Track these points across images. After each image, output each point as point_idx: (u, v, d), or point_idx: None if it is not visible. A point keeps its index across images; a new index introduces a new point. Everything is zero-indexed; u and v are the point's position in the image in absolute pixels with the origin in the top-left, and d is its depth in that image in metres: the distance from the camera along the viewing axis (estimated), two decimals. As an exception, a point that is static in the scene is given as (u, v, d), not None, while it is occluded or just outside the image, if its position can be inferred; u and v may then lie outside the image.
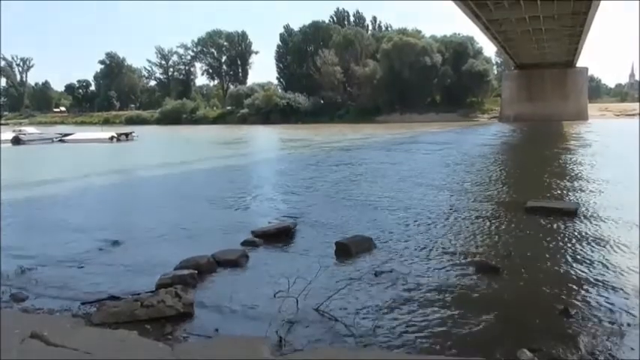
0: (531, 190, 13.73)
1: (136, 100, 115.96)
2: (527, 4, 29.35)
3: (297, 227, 9.54)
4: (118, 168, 23.32)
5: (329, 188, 15.04)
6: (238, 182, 17.50)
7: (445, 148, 29.19)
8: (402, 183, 15.63)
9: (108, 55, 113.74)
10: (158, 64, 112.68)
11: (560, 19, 33.97)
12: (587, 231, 9.10)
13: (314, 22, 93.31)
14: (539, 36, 40.16)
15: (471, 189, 14.41)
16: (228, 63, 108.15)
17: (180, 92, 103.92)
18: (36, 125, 65.45)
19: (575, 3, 28.91)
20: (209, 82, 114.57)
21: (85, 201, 14.31)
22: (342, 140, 38.15)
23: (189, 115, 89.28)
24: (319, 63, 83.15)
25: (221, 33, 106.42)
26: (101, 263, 7.76)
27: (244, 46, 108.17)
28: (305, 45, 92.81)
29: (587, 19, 33.36)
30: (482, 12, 31.18)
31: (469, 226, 9.86)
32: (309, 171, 19.74)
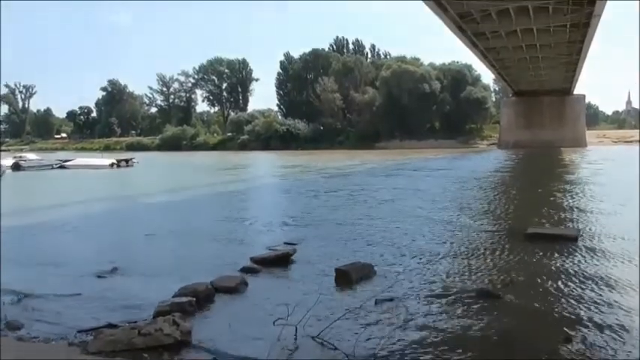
0: (531, 216, 13.69)
1: (136, 127, 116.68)
2: (523, 33, 29.77)
3: (297, 254, 9.47)
4: (117, 194, 23.31)
5: (329, 214, 15.01)
6: (237, 208, 17.48)
7: (445, 174, 29.26)
8: (401, 209, 15.60)
9: (110, 82, 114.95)
10: (159, 90, 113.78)
11: (556, 48, 34.44)
12: (588, 259, 9.04)
13: (314, 49, 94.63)
14: (536, 64, 40.65)
15: (471, 215, 14.37)
16: (229, 90, 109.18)
17: (180, 119, 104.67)
18: (36, 151, 65.67)
19: (570, 33, 29.33)
20: (210, 109, 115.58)
21: (83, 227, 14.25)
22: (341, 166, 38.25)
23: (190, 141, 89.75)
24: (319, 90, 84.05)
25: (222, 60, 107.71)
26: (99, 290, 7.67)
27: (245, 73, 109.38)
28: (305, 72, 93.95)
29: (583, 48, 33.83)
30: (479, 41, 31.62)
31: (469, 252, 9.80)
32: (309, 197, 19.73)
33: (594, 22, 26.70)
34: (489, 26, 28.06)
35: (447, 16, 25.17)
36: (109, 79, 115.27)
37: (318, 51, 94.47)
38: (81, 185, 30.02)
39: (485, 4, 23.54)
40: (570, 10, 24.85)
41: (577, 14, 25.19)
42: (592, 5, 23.39)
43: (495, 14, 25.79)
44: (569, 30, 28.79)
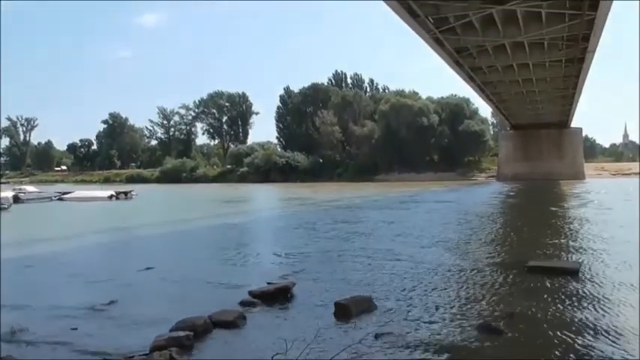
0: (532, 249, 13.62)
1: (136, 159, 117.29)
2: (519, 67, 30.23)
3: (296, 286, 9.37)
4: (115, 226, 23.21)
5: (328, 246, 14.93)
6: (236, 240, 17.39)
7: (444, 206, 29.24)
8: (401, 241, 15.53)
9: (111, 115, 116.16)
10: (160, 123, 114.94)
11: (552, 82, 34.92)
12: (590, 292, 8.95)
13: (313, 84, 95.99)
14: (532, 97, 41.14)
15: (471, 248, 14.29)
16: (229, 123, 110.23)
17: (180, 151, 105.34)
18: (36, 184, 65.72)
19: (566, 67, 29.80)
20: (210, 142, 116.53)
21: (80, 260, 14.12)
22: (340, 198, 38.22)
23: (190, 173, 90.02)
24: (318, 123, 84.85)
25: (222, 94, 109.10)
26: (95, 323, 7.57)
27: (245, 106, 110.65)
28: (304, 106, 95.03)
29: (579, 82, 34.30)
30: (476, 75, 32.08)
31: (470, 285, 9.71)
32: (308, 229, 19.65)
33: (589, 57, 27.16)
34: (486, 61, 28.52)
35: (444, 51, 25.61)
36: (110, 112, 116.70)
37: (317, 85, 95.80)
38: (79, 217, 29.93)
39: (482, 40, 23.96)
40: (565, 45, 25.31)
41: (572, 50, 25.65)
42: (586, 41, 23.83)
43: (491, 49, 26.24)
44: (564, 65, 29.25)
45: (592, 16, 19.74)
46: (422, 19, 20.27)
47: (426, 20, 20.54)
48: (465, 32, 22.94)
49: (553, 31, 22.31)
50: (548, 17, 21.03)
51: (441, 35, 22.54)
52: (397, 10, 18.96)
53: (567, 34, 23.03)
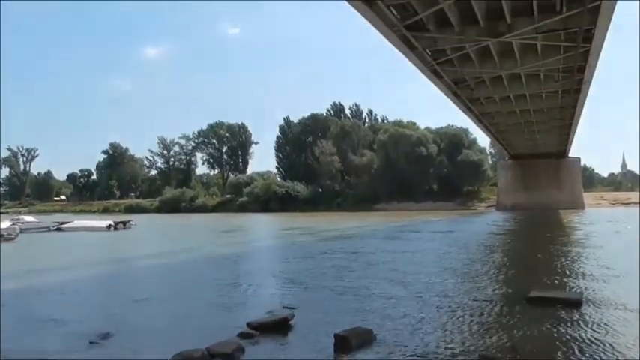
0: (533, 279, 13.51)
1: (136, 189, 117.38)
2: (516, 98, 30.55)
3: (295, 318, 9.27)
4: (113, 257, 23.06)
5: (327, 277, 14.80)
6: (235, 271, 17.27)
7: (444, 236, 29.11)
8: (401, 271, 15.41)
9: (111, 145, 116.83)
10: (160, 153, 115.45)
11: (549, 112, 35.25)
12: (593, 323, 8.85)
13: (312, 114, 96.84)
14: (530, 128, 41.45)
15: (471, 278, 14.18)
16: (229, 153, 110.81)
17: (180, 181, 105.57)
18: (35, 214, 65.51)
19: (562, 98, 30.12)
20: (209, 172, 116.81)
21: (75, 291, 13.98)
22: (340, 228, 38.07)
23: (189, 203, 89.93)
24: (317, 153, 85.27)
25: (222, 124, 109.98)
26: (90, 357, 7.45)
27: (245, 137, 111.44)
28: (304, 136, 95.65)
29: (576, 113, 34.63)
30: (474, 106, 32.39)
31: (471, 317, 9.59)
32: (307, 259, 19.53)
33: (585, 88, 27.50)
34: (483, 92, 28.84)
35: (442, 83, 25.93)
36: (111, 143, 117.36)
37: (316, 115, 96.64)
38: (77, 247, 29.73)
39: (479, 72, 24.29)
40: (561, 77, 25.64)
41: (567, 81, 25.97)
42: (581, 72, 24.16)
43: (489, 81, 26.57)
44: (560, 95, 29.57)
45: (586, 48, 20.08)
46: (419, 52, 20.59)
47: (424, 52, 20.87)
48: (462, 64, 23.28)
49: (548, 62, 22.65)
50: (544, 49, 21.38)
51: (439, 67, 22.86)
52: (395, 43, 19.28)
53: (563, 65, 23.37)
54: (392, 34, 18.03)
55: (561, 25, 17.91)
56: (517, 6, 17.11)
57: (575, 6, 16.33)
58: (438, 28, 18.60)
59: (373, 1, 15.02)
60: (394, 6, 16.20)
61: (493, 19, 17.91)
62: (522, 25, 18.02)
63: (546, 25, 17.89)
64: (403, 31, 17.94)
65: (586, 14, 16.24)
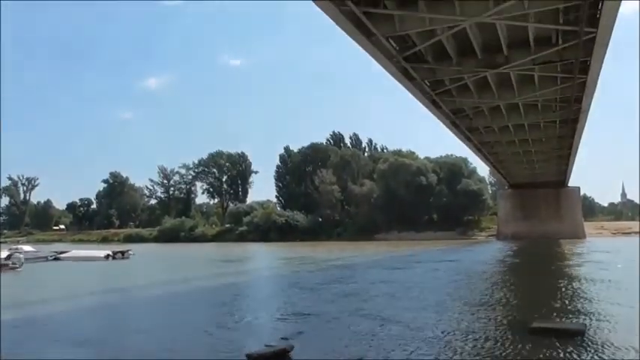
0: (535, 309, 13.34)
1: (135, 219, 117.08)
2: (515, 128, 30.76)
3: (295, 349, 9.12)
4: (110, 287, 22.83)
5: (327, 308, 14.62)
6: (234, 301, 17.08)
7: (445, 266, 28.90)
8: (401, 303, 15.25)
9: (112, 174, 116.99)
10: (160, 183, 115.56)
11: (548, 142, 35.44)
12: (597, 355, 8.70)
13: (312, 143, 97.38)
14: (529, 157, 41.62)
15: (472, 309, 14.01)
16: (229, 182, 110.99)
17: (180, 210, 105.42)
18: (33, 243, 65.28)
19: (560, 128, 30.32)
20: (209, 201, 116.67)
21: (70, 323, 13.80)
22: (340, 258, 37.83)
23: (188, 232, 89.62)
24: (317, 182, 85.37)
25: (222, 154, 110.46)
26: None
27: (245, 166, 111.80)
28: (304, 165, 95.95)
29: (574, 142, 34.83)
30: (473, 135, 32.59)
31: (473, 348, 9.44)
32: (307, 289, 19.33)
33: (582, 118, 27.72)
34: (482, 122, 29.04)
35: (441, 113, 26.15)
36: (111, 172, 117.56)
37: (316, 145, 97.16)
38: (74, 277, 29.48)
39: (477, 102, 24.54)
40: (558, 107, 25.87)
41: (565, 111, 26.18)
42: (579, 103, 24.39)
43: (487, 111, 26.80)
44: (558, 125, 29.78)
45: (583, 79, 20.33)
46: (418, 82, 20.84)
47: (423, 83, 21.11)
48: (460, 94, 23.54)
49: (546, 93, 22.90)
50: (541, 80, 21.65)
51: (438, 97, 23.09)
52: (394, 74, 19.53)
53: (560, 96, 23.61)
54: (391, 65, 18.29)
55: (557, 56, 18.19)
56: (514, 38, 17.41)
57: (570, 38, 16.60)
58: (437, 59, 18.88)
59: (372, 34, 15.26)
60: (393, 38, 16.47)
61: (490, 51, 18.20)
62: (519, 56, 18.30)
63: (543, 57, 18.18)
64: (402, 63, 18.20)
65: (581, 46, 16.48)
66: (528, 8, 13.80)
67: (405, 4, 14.13)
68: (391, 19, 14.91)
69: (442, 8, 14.07)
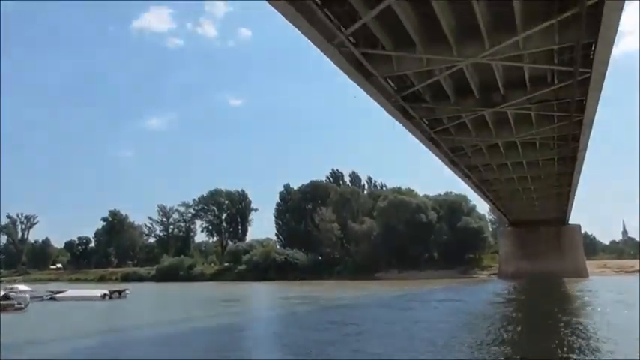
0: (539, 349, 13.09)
1: (134, 257, 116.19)
2: (514, 166, 30.85)
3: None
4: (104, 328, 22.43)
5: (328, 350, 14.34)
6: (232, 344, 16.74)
7: (446, 306, 28.50)
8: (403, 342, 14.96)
9: (111, 212, 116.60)
10: (159, 221, 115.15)
11: (547, 180, 35.48)
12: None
13: (312, 181, 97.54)
14: (529, 195, 41.61)
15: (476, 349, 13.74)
16: (228, 220, 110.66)
17: (178, 249, 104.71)
18: (29, 282, 64.40)
19: (559, 166, 30.43)
20: (208, 239, 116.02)
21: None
22: (341, 297, 37.35)
23: (187, 271, 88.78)
24: (317, 220, 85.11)
25: (222, 192, 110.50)
26: None
27: (244, 204, 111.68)
28: (303, 203, 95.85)
29: (573, 180, 34.87)
30: (472, 173, 32.70)
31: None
32: (307, 330, 19.00)
33: (580, 156, 27.85)
34: (481, 160, 29.18)
35: (440, 151, 26.30)
36: (110, 210, 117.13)
37: (316, 183, 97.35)
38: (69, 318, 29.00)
39: (475, 140, 24.71)
40: (556, 145, 26.02)
41: (563, 149, 26.33)
42: (576, 141, 24.56)
43: (485, 149, 26.96)
44: (557, 163, 29.89)
45: (579, 117, 20.53)
46: (417, 121, 21.05)
47: (421, 122, 21.33)
48: (459, 133, 23.73)
49: (543, 131, 23.09)
50: (538, 119, 21.87)
51: (436, 136, 23.29)
52: (393, 113, 19.75)
53: (557, 134, 23.79)
54: (390, 104, 18.51)
55: (553, 96, 18.44)
56: (510, 78, 17.70)
57: (565, 78, 16.86)
58: (435, 98, 19.14)
59: (371, 74, 15.52)
60: (391, 78, 16.74)
61: (487, 90, 18.46)
62: (516, 95, 18.56)
63: (539, 96, 18.43)
64: (400, 102, 18.44)
65: (576, 86, 16.73)
66: (523, 49, 14.07)
67: (402, 45, 14.42)
68: (389, 60, 15.19)
69: (439, 49, 14.35)
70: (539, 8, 12.49)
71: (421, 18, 13.15)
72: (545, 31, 12.99)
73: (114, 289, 47.17)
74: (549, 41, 13.68)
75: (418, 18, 13.14)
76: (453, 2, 12.31)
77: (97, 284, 64.43)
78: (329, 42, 12.93)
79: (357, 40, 13.64)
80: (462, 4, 11.98)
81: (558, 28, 13.06)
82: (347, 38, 12.97)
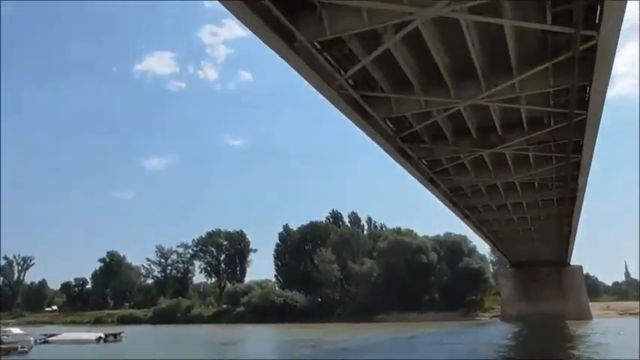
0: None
1: (130, 299, 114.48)
2: (514, 206, 30.80)
3: None
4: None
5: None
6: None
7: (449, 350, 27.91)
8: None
9: (109, 253, 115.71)
10: (157, 262, 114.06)
11: (547, 220, 35.34)
12: None
13: (312, 222, 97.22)
14: (529, 235, 41.37)
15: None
16: (227, 261, 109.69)
17: (176, 290, 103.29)
18: (24, 325, 63.29)
19: (558, 206, 30.39)
20: (207, 280, 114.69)
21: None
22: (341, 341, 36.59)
23: (184, 313, 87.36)
24: (317, 261, 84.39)
25: (221, 232, 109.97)
26: None
27: (243, 244, 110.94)
28: (303, 244, 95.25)
29: (573, 220, 34.76)
30: (472, 214, 32.63)
31: None
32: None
33: (580, 197, 27.84)
34: (480, 200, 29.15)
35: (439, 191, 26.32)
36: (108, 251, 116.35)
37: (315, 223, 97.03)
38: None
39: (475, 180, 24.77)
40: (555, 185, 26.04)
41: (562, 189, 26.35)
42: (575, 181, 24.62)
43: (485, 189, 26.98)
44: (556, 204, 29.86)
45: (577, 158, 20.65)
46: (416, 161, 21.16)
47: (420, 162, 21.44)
48: (458, 173, 23.80)
49: (542, 172, 23.15)
50: (536, 160, 21.98)
51: (435, 176, 23.36)
52: (392, 153, 19.87)
53: (556, 175, 23.86)
54: (389, 145, 18.65)
55: (551, 137, 18.60)
56: (507, 119, 17.89)
57: (561, 119, 17.05)
58: (433, 139, 19.31)
59: (370, 116, 15.71)
60: (390, 119, 16.93)
61: (485, 131, 18.64)
62: (513, 136, 18.72)
63: (536, 137, 18.58)
64: (399, 143, 18.58)
65: (573, 127, 16.89)
66: (519, 91, 14.30)
67: (400, 87, 14.67)
68: (388, 102, 15.42)
69: (437, 91, 14.58)
70: (534, 51, 12.78)
71: (419, 61, 13.43)
72: (540, 73, 13.23)
73: (109, 332, 46.34)
74: (545, 84, 13.91)
75: (416, 60, 13.42)
76: (450, 45, 12.60)
77: (92, 327, 63.23)
78: (328, 85, 13.15)
79: (355, 83, 13.88)
80: (458, 47, 12.26)
81: (553, 71, 13.30)
82: (346, 81, 13.20)
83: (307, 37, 11.00)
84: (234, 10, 9.92)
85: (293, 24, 10.57)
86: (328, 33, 10.93)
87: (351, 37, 11.73)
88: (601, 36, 10.64)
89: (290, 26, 10.54)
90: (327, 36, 11.04)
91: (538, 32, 11.79)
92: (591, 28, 10.70)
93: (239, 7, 9.75)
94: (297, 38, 10.92)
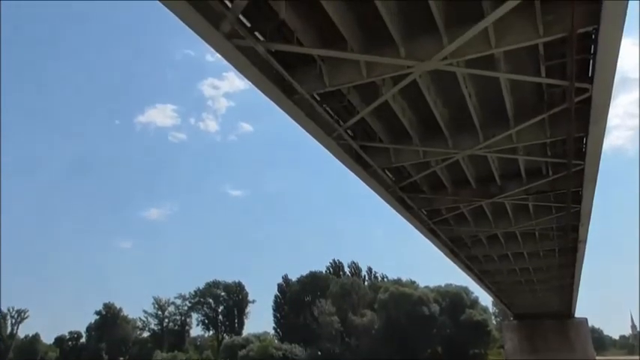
0: None
1: (125, 353, 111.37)
2: (515, 257, 30.52)
3: None
4: None
5: None
6: None
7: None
8: None
9: (105, 305, 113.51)
10: (154, 314, 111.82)
11: (549, 271, 34.92)
12: None
13: (312, 272, 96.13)
14: (532, 286, 40.76)
15: None
16: (225, 313, 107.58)
17: (173, 343, 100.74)
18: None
19: (560, 257, 30.11)
20: (204, 333, 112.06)
21: None
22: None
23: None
24: (317, 313, 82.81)
25: (219, 283, 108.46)
26: None
27: (241, 296, 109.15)
28: (303, 295, 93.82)
29: (576, 271, 34.34)
30: (473, 264, 32.27)
31: None
32: None
33: (581, 247, 27.62)
34: (481, 250, 28.89)
35: (440, 241, 26.13)
36: (105, 303, 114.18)
37: (315, 274, 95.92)
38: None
39: (475, 230, 24.65)
40: (556, 235, 25.89)
41: (562, 240, 26.19)
42: (575, 232, 24.50)
43: (485, 239, 26.82)
44: (558, 254, 29.61)
45: (577, 208, 20.63)
46: (415, 211, 21.13)
47: (420, 212, 21.40)
48: (458, 223, 23.73)
49: (542, 222, 23.08)
50: (536, 209, 21.96)
51: (435, 226, 23.26)
52: (391, 203, 19.87)
53: (556, 225, 23.78)
54: (388, 194, 18.68)
55: (549, 187, 18.66)
56: (505, 169, 18.03)
57: (560, 169, 17.16)
58: (432, 189, 19.38)
59: (369, 166, 15.82)
60: (389, 169, 17.04)
61: (484, 181, 18.73)
62: (512, 187, 18.77)
63: (535, 187, 18.64)
64: (399, 193, 18.62)
65: (571, 177, 16.98)
66: (517, 142, 14.47)
67: (399, 138, 14.84)
68: (387, 152, 15.57)
69: (435, 141, 14.74)
70: (530, 103, 13.03)
71: (416, 112, 13.67)
72: (536, 125, 13.43)
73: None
74: (541, 134, 14.09)
75: (413, 112, 13.67)
76: (448, 97, 12.86)
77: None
78: (328, 135, 13.32)
79: (354, 133, 14.06)
80: (455, 98, 12.51)
81: (549, 122, 13.51)
82: (345, 131, 13.38)
83: (307, 89, 11.23)
84: (238, 65, 10.09)
85: (293, 77, 10.80)
86: (328, 85, 11.16)
87: (349, 89, 12.00)
88: (595, 88, 10.88)
89: (290, 79, 10.77)
90: (327, 88, 11.27)
91: (534, 84, 12.07)
92: (585, 81, 10.95)
93: (244, 64, 9.91)
94: (297, 91, 11.14)
